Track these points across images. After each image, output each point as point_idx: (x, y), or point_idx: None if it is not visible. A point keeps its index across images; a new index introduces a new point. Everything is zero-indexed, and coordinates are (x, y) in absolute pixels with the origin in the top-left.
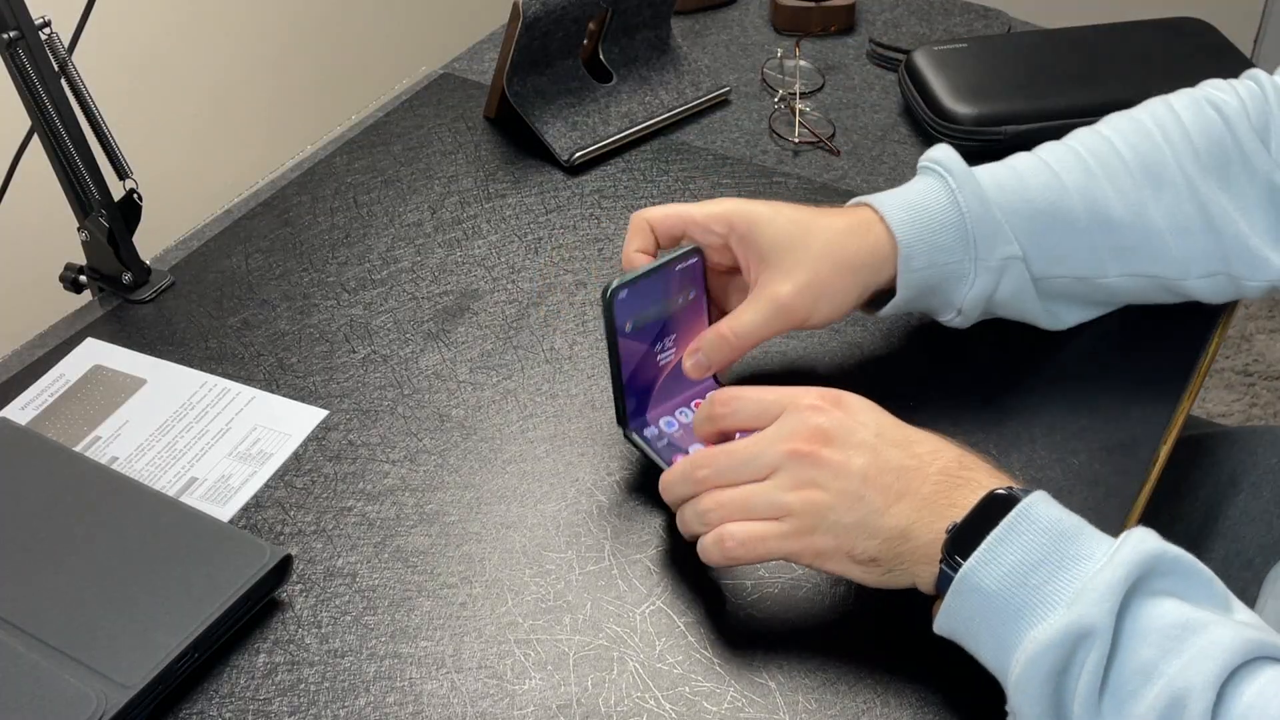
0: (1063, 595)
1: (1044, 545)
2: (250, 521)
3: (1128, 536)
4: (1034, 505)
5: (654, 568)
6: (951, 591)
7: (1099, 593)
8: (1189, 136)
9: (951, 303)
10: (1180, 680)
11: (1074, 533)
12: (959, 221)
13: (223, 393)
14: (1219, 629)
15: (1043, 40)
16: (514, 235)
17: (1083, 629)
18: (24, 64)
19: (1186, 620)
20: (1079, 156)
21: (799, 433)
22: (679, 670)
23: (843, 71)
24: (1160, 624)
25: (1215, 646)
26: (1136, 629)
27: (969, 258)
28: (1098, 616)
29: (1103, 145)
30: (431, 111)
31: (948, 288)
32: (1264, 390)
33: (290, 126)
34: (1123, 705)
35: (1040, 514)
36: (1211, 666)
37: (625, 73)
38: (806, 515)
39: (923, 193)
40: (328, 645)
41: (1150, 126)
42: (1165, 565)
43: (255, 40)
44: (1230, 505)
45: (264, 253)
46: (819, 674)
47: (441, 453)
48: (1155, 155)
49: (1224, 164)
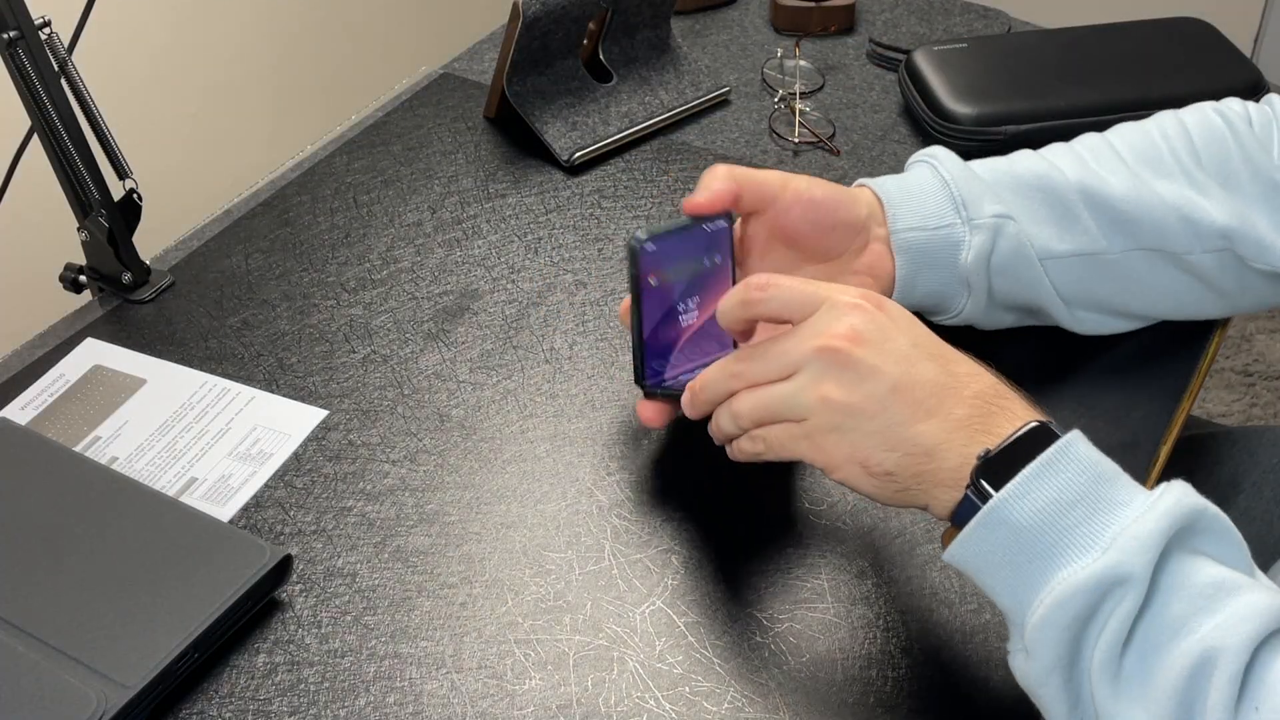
0: (1099, 539)
1: (1082, 485)
2: (250, 521)
3: (1169, 487)
4: (1074, 443)
5: (654, 568)
6: (978, 522)
7: (1141, 541)
8: (1189, 136)
9: (955, 274)
10: (1213, 639)
11: (1112, 476)
12: (943, 187)
13: (223, 393)
14: (1255, 593)
15: (1043, 40)
16: (514, 235)
17: (1119, 576)
18: (24, 64)
19: (1222, 580)
20: (1073, 150)
21: (833, 329)
22: (679, 670)
23: (843, 71)
24: (1196, 580)
25: (1251, 609)
26: (1172, 583)
27: (960, 219)
28: (1137, 565)
29: (1099, 142)
30: (431, 111)
31: (945, 255)
32: (1264, 390)
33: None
34: (1147, 658)
35: (1081, 453)
36: (1247, 629)
37: (625, 73)
38: (824, 416)
39: (907, 173)
40: (328, 645)
41: (1150, 128)
42: (1205, 523)
43: (255, 40)
44: (1231, 505)
45: (264, 253)
46: (819, 674)
47: (441, 453)
48: (1152, 150)
49: (1224, 160)
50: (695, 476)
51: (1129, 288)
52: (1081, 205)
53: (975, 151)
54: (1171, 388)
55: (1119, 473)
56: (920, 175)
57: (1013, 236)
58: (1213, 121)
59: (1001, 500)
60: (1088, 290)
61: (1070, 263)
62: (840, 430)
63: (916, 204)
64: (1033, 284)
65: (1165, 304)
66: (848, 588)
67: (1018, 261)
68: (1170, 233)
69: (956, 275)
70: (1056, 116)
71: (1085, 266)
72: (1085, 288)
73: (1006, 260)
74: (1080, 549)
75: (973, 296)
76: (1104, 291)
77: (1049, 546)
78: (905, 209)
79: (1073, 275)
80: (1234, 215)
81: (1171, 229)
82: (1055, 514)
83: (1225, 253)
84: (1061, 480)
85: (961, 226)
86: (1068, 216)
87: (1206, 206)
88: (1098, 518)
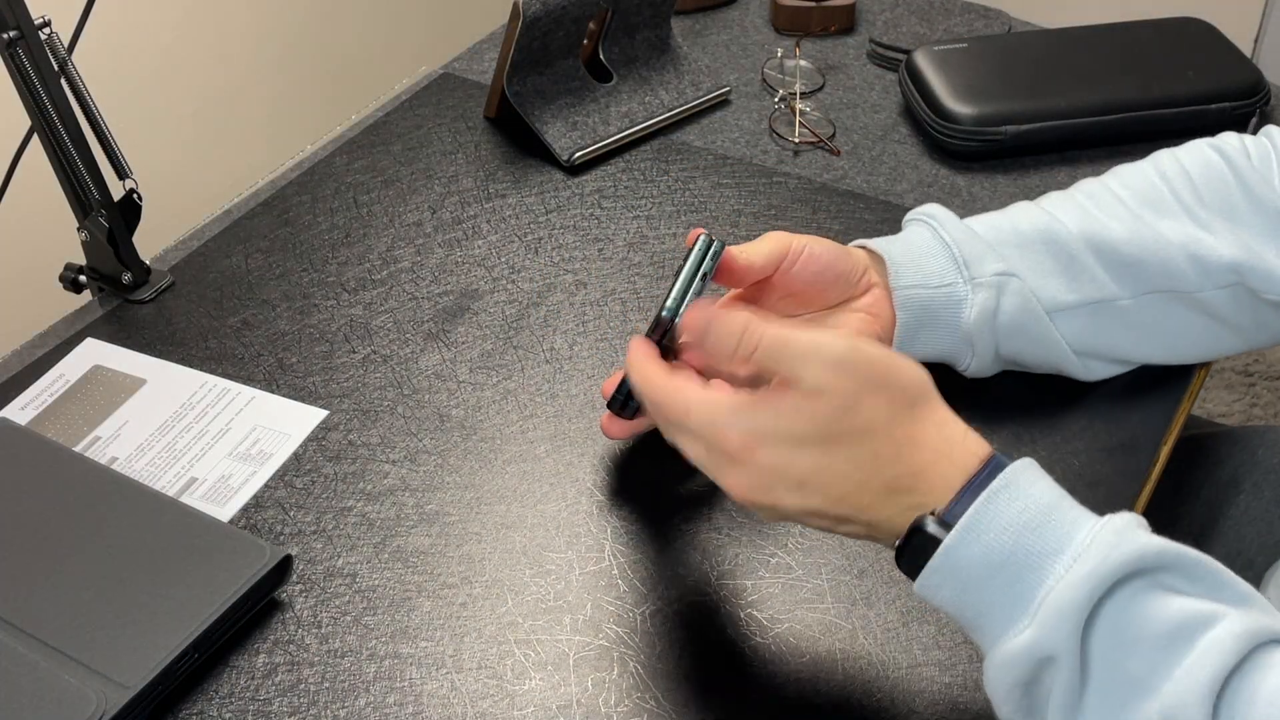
0: (1029, 604)
1: (1008, 541)
2: (250, 521)
3: (1098, 535)
4: (1000, 491)
5: (654, 568)
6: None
7: (1060, 614)
8: (1188, 175)
9: (958, 331)
10: (1172, 698)
11: (1040, 523)
12: (944, 249)
13: (223, 393)
14: (1212, 631)
15: (1043, 40)
16: (514, 235)
17: (1044, 655)
18: (24, 64)
19: (1181, 623)
20: (1072, 198)
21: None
22: (679, 671)
23: (843, 71)
24: (1148, 631)
25: (1208, 655)
26: (1118, 640)
27: (961, 278)
28: (1059, 641)
29: (1097, 186)
30: (431, 111)
31: (947, 314)
32: (1264, 390)
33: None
34: (1115, 716)
35: (1002, 504)
36: (1205, 677)
37: (625, 73)
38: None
39: (906, 232)
40: (328, 645)
41: (1149, 169)
42: (1149, 563)
43: (255, 40)
44: (1231, 505)
45: (264, 253)
46: (820, 675)
47: (441, 453)
48: (1152, 191)
49: (1225, 196)
50: (695, 476)
51: (1143, 334)
52: (1087, 253)
53: (975, 151)
54: (1172, 388)
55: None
56: (920, 236)
57: (1018, 293)
58: (1210, 158)
59: (945, 552)
60: (1100, 340)
61: (1080, 313)
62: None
63: (918, 265)
64: (1042, 340)
65: (1180, 347)
66: (848, 588)
67: (1025, 318)
68: (1178, 272)
69: (959, 335)
70: (1056, 116)
71: (1096, 315)
72: (1097, 338)
73: (1014, 318)
74: (1014, 614)
75: (977, 356)
76: (1117, 340)
77: (990, 606)
78: (907, 268)
79: (1084, 326)
80: (1241, 248)
81: (1179, 268)
82: (990, 572)
83: (1237, 287)
84: (994, 533)
85: (963, 285)
86: (1073, 266)
87: (1212, 243)
88: (1028, 578)
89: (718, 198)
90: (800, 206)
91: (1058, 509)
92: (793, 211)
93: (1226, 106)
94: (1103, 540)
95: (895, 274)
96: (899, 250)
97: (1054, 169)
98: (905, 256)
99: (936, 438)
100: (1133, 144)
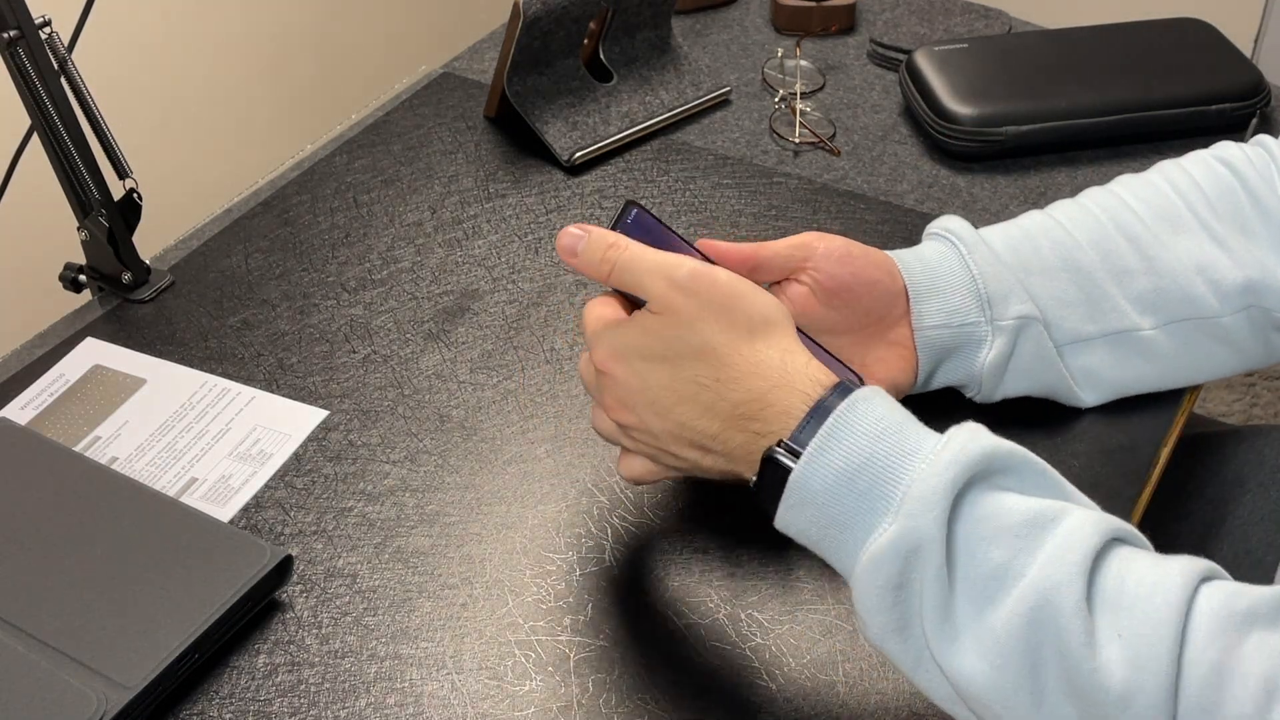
0: (891, 502)
1: (866, 446)
2: (250, 522)
3: (955, 432)
4: (854, 405)
5: (654, 568)
6: (785, 503)
7: (925, 501)
8: (1199, 187)
9: (971, 370)
10: (1043, 579)
11: (896, 428)
12: (969, 282)
13: (223, 393)
14: (1072, 517)
15: (1043, 40)
16: (514, 235)
17: (911, 543)
18: (24, 63)
19: (1036, 513)
20: (1089, 212)
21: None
22: (680, 672)
23: (843, 71)
24: (1007, 520)
25: (1073, 534)
26: (979, 532)
27: (984, 318)
28: (926, 527)
29: (1113, 200)
30: (431, 111)
31: (967, 351)
32: (1264, 390)
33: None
34: (982, 611)
35: (861, 414)
36: (1075, 556)
37: (625, 72)
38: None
39: (934, 252)
40: (328, 646)
41: (1158, 181)
42: (1000, 462)
43: (255, 40)
44: (1238, 504)
45: (264, 253)
46: (820, 676)
47: (442, 453)
48: (1167, 206)
49: (1236, 209)
50: (695, 477)
51: (1160, 364)
52: (1109, 281)
53: (975, 152)
54: (1172, 389)
55: (905, 422)
56: (945, 262)
57: (1035, 339)
58: (1217, 170)
59: (799, 476)
60: (1114, 370)
61: (1098, 344)
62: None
63: (942, 300)
64: (1046, 378)
65: (1189, 375)
66: (849, 590)
67: (1036, 363)
68: (1199, 298)
69: (972, 372)
70: (1057, 117)
71: (1114, 346)
72: (1113, 369)
73: (1026, 362)
74: (876, 516)
75: (983, 392)
76: (1130, 370)
77: (850, 515)
78: (931, 304)
79: (1101, 358)
80: (1254, 265)
81: (1199, 293)
82: (846, 481)
83: (1252, 309)
84: (847, 445)
85: (985, 326)
86: (1095, 294)
87: (1227, 264)
88: (887, 478)
89: (718, 198)
90: (800, 207)
91: (908, 423)
92: (793, 211)
93: (1226, 107)
94: (959, 436)
95: (918, 313)
96: (922, 275)
97: (1054, 169)
98: (929, 285)
99: (779, 366)
100: (1133, 144)
